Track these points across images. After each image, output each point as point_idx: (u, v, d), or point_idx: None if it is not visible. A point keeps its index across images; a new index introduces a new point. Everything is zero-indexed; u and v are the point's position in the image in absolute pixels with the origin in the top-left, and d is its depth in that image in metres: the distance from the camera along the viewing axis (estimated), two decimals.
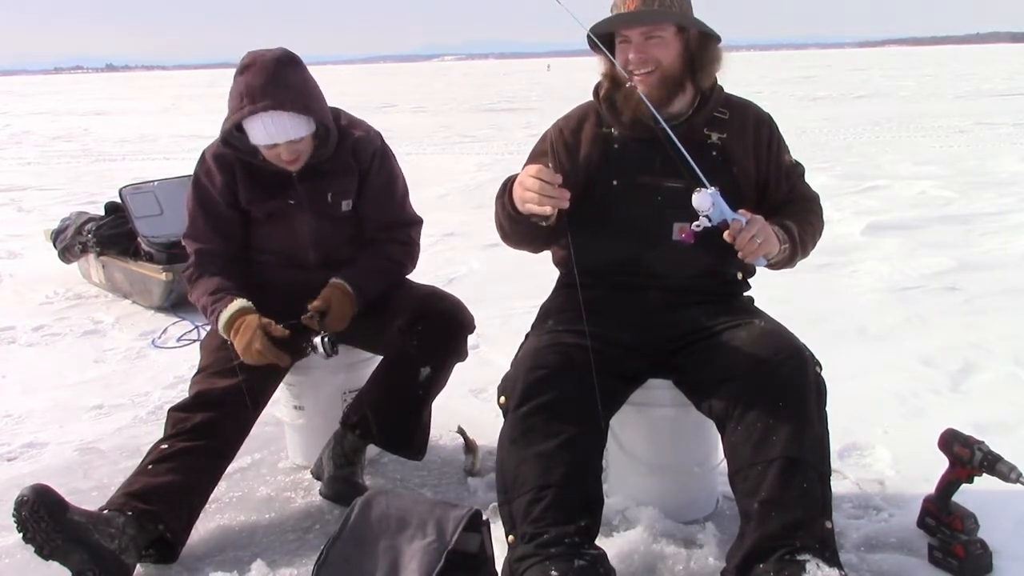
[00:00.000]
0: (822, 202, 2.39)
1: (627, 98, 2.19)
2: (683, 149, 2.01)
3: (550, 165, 2.05)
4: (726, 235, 1.98)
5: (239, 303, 2.45)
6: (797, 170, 2.35)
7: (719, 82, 2.30)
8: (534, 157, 2.36)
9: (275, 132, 2.40)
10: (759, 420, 1.97)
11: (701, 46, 2.20)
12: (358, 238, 2.67)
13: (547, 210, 1.98)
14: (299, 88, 2.41)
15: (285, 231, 2.60)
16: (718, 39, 2.21)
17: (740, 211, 2.01)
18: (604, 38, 2.21)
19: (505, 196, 2.16)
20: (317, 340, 2.44)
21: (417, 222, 2.76)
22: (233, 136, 2.50)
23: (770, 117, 2.35)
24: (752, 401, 1.99)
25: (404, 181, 2.75)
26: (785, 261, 2.19)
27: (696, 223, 1.99)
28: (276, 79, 2.37)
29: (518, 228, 2.18)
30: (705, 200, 1.96)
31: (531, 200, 1.99)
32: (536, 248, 2.35)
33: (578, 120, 2.35)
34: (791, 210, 2.28)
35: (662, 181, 2.21)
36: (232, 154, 2.55)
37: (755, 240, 1.99)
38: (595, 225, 2.26)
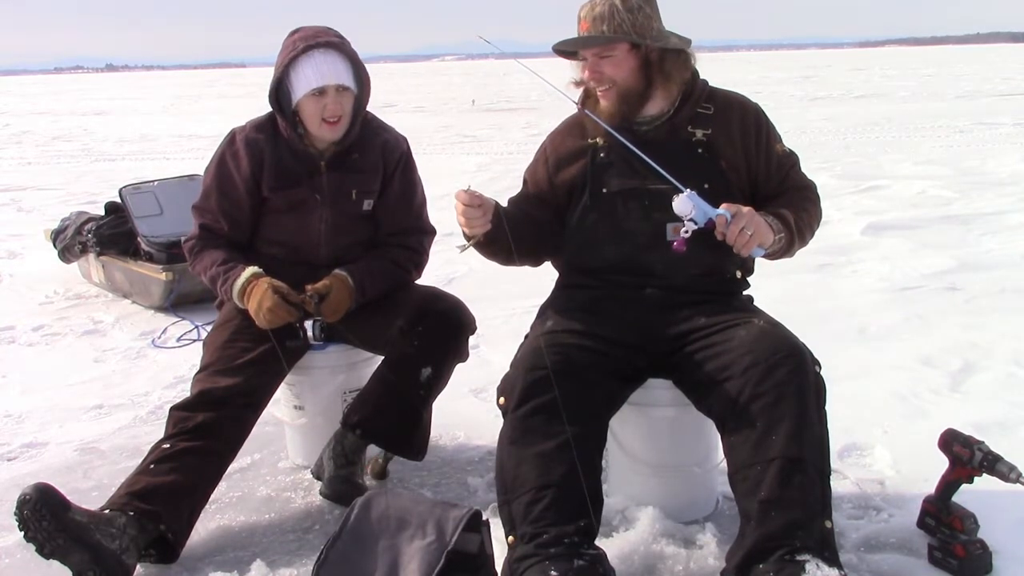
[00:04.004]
0: (822, 200, 2.40)
1: (582, 120, 2.31)
2: (643, 154, 2.10)
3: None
4: (716, 232, 2.02)
5: (251, 269, 2.49)
6: (790, 159, 2.35)
7: (702, 76, 2.32)
8: (530, 167, 2.45)
9: (327, 72, 2.45)
10: (758, 419, 1.97)
11: (661, 59, 2.21)
12: (371, 241, 2.69)
13: (477, 231, 2.15)
14: (349, 45, 2.54)
15: (301, 224, 2.61)
16: (680, 50, 2.23)
17: (723, 206, 2.03)
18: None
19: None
20: (308, 324, 2.45)
21: (430, 232, 2.78)
22: (281, 93, 2.53)
23: (757, 107, 2.35)
24: (751, 400, 2.00)
25: (423, 191, 2.79)
26: (784, 250, 2.21)
27: (684, 228, 2.03)
28: (330, 32, 2.53)
29: (481, 250, 2.29)
30: (685, 204, 2.00)
31: (462, 224, 2.17)
32: (527, 262, 2.41)
33: (563, 135, 2.40)
34: (786, 199, 2.29)
35: (648, 184, 2.22)
36: (264, 139, 2.57)
37: (745, 232, 2.02)
38: (592, 230, 2.28)
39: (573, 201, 2.33)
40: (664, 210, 2.20)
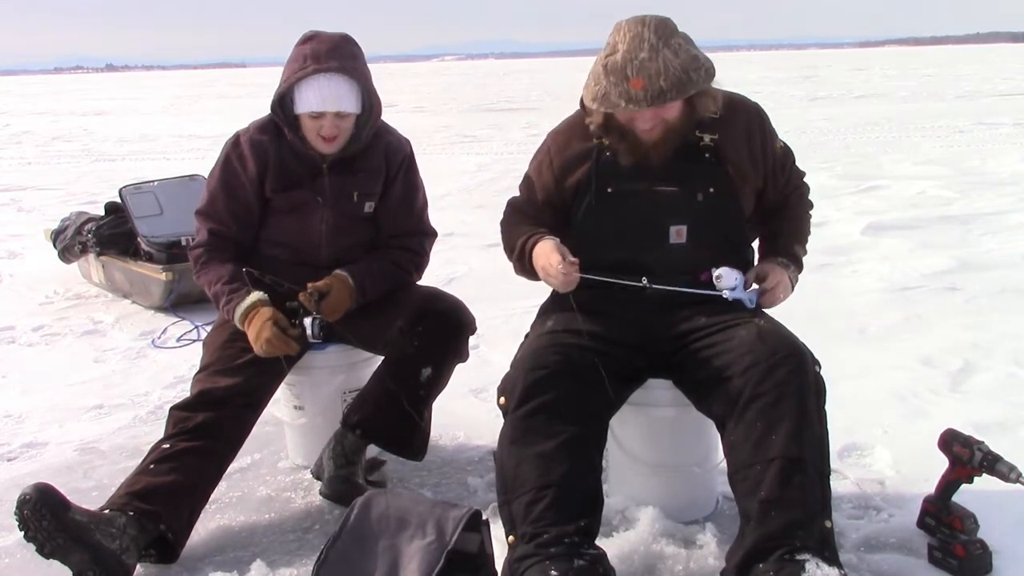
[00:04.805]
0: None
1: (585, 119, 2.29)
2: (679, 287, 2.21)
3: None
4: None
5: (256, 295, 2.47)
6: (789, 156, 2.39)
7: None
8: (528, 173, 2.43)
9: (329, 97, 2.44)
10: (758, 419, 1.97)
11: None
12: (372, 243, 2.69)
13: (570, 290, 2.17)
14: (361, 66, 2.52)
15: (303, 225, 2.61)
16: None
17: (757, 285, 2.27)
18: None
19: (525, 261, 2.30)
20: (308, 321, 2.44)
21: (431, 234, 2.79)
22: (284, 102, 2.52)
23: (758, 107, 2.35)
24: (751, 400, 2.00)
25: (424, 193, 2.79)
26: None
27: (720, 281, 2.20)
28: (342, 50, 2.49)
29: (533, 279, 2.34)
30: (726, 285, 2.18)
31: (554, 286, 2.20)
32: None
33: (567, 135, 2.36)
34: (791, 216, 2.41)
35: (654, 186, 2.23)
36: (268, 140, 2.57)
37: (772, 305, 2.29)
38: (594, 229, 2.28)
39: (578, 200, 2.32)
40: (669, 213, 2.22)
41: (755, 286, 2.29)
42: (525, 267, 2.32)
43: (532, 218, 2.37)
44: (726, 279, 2.18)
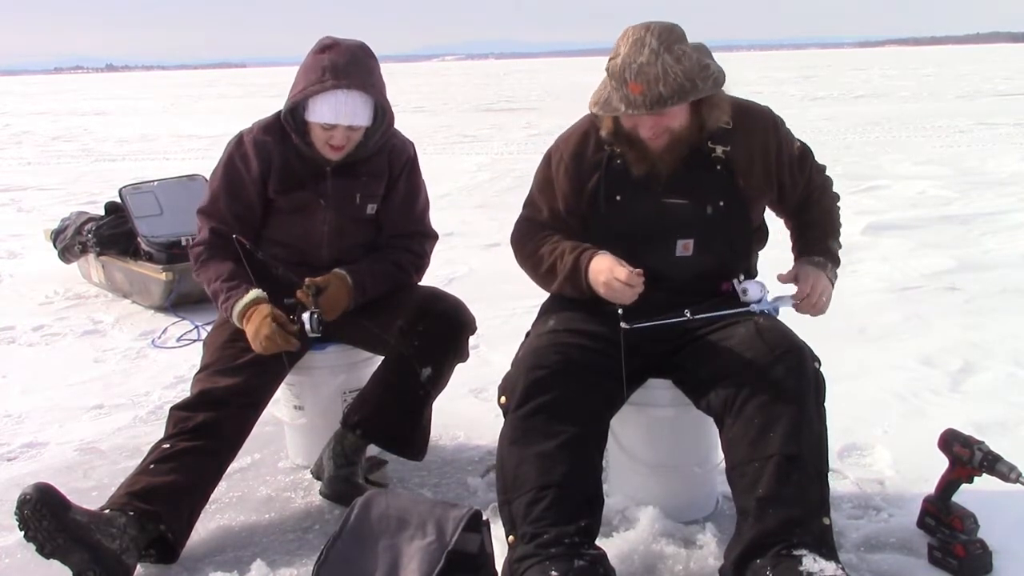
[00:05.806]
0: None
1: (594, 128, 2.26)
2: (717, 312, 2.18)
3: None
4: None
5: (254, 293, 2.46)
6: (807, 156, 2.36)
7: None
8: (541, 183, 2.37)
9: (343, 112, 2.44)
10: (757, 416, 1.98)
11: (708, 96, 2.12)
12: (373, 244, 2.69)
13: (627, 303, 2.11)
14: (377, 80, 2.51)
15: (305, 226, 2.61)
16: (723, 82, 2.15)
17: (791, 291, 2.23)
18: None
19: (582, 280, 2.18)
20: (306, 316, 2.44)
21: (432, 236, 2.79)
22: (295, 110, 2.52)
23: (771, 114, 2.32)
24: (750, 397, 2.00)
25: (426, 195, 2.79)
26: None
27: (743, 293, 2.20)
28: (361, 63, 2.47)
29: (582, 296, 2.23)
30: (754, 294, 2.18)
31: (620, 300, 2.11)
32: None
33: (577, 142, 2.31)
34: (818, 211, 2.39)
35: (664, 197, 2.21)
36: (272, 141, 2.57)
37: (818, 306, 2.23)
38: (601, 236, 2.25)
39: (591, 206, 2.30)
40: (677, 225, 2.22)
41: (793, 287, 2.25)
42: (580, 285, 2.19)
43: (559, 231, 2.31)
44: (752, 292, 2.18)
